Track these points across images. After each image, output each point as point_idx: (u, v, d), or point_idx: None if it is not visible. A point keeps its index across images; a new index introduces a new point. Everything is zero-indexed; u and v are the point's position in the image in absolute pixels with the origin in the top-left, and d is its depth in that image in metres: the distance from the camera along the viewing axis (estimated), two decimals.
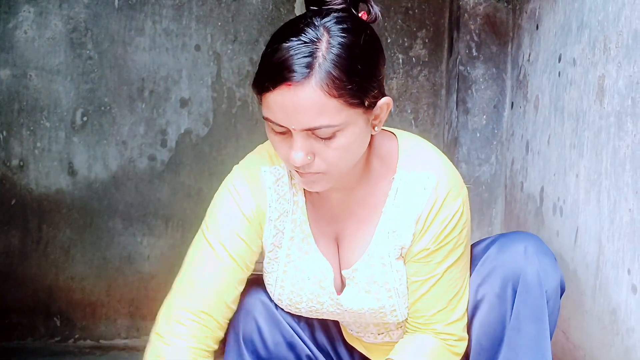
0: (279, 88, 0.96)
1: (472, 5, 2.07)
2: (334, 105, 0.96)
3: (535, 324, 1.14)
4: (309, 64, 0.95)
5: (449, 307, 1.16)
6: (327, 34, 0.97)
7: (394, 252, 1.16)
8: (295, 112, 0.96)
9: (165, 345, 1.12)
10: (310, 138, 0.99)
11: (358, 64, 0.98)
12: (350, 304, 1.19)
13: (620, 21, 1.27)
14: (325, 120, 0.97)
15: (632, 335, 1.21)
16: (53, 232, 2.20)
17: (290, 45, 0.96)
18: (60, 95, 2.17)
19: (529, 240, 1.17)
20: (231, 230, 1.15)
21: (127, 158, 2.21)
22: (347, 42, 0.98)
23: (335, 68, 0.96)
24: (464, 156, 2.08)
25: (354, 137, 1.01)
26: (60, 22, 2.16)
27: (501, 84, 2.07)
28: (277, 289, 1.21)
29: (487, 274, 1.17)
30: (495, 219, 2.09)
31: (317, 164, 1.02)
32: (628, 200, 1.22)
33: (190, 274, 1.16)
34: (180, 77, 2.21)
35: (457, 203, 1.12)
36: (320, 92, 0.95)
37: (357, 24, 1.02)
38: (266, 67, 0.98)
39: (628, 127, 1.23)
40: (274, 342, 1.26)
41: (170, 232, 2.21)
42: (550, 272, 1.15)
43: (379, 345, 1.32)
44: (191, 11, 2.21)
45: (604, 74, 1.34)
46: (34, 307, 2.20)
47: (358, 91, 0.98)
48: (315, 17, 1.00)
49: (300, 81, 0.95)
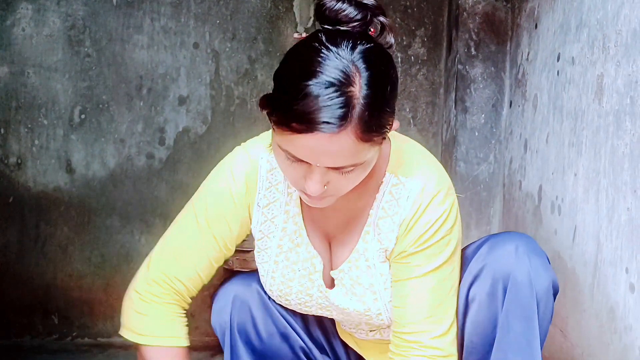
0: (312, 135, 0.92)
1: (471, 4, 2.07)
2: (363, 148, 0.96)
3: (525, 324, 1.13)
4: (345, 115, 0.92)
5: (433, 316, 1.13)
6: (358, 74, 0.93)
7: (378, 255, 1.16)
8: (324, 156, 0.95)
9: (142, 302, 1.20)
10: (330, 171, 0.98)
11: (386, 106, 0.97)
12: (338, 301, 1.20)
13: (620, 20, 1.27)
14: (354, 161, 0.97)
15: (629, 333, 1.21)
16: (51, 230, 2.20)
17: (324, 93, 0.91)
18: (58, 92, 2.17)
19: (520, 240, 1.16)
20: (217, 210, 1.17)
21: (125, 156, 2.21)
22: (377, 84, 0.95)
23: (367, 114, 0.93)
24: (463, 155, 2.08)
25: (370, 165, 1.02)
26: (58, 19, 2.16)
27: (500, 82, 2.07)
28: (268, 279, 1.22)
29: (477, 273, 1.16)
30: (493, 218, 2.09)
31: (329, 190, 1.02)
32: (626, 199, 1.23)
33: (173, 240, 1.21)
34: (179, 75, 2.21)
35: (441, 208, 1.12)
36: (355, 138, 0.94)
37: (383, 59, 0.98)
38: (295, 112, 0.92)
39: (627, 126, 1.23)
40: (268, 333, 1.28)
41: None
42: (542, 272, 1.13)
43: (371, 342, 1.32)
44: (189, 9, 2.20)
45: (603, 73, 1.34)
46: (32, 305, 2.20)
47: (385, 132, 0.98)
48: (339, 47, 0.94)
49: (336, 132, 0.92)
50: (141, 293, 1.20)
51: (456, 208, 1.15)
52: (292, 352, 1.30)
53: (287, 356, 1.30)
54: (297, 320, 1.31)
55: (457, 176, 2.08)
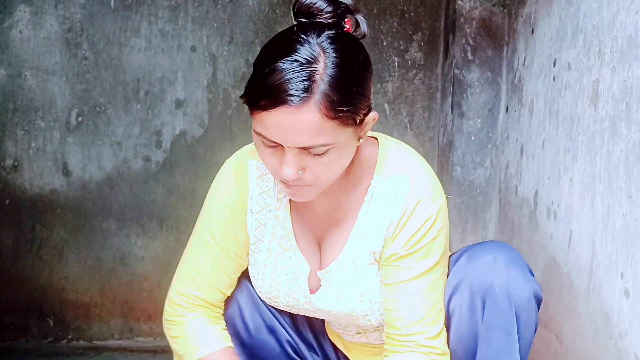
0: (277, 109, 0.97)
1: (468, 9, 2.08)
2: (330, 126, 0.99)
3: (504, 337, 1.12)
4: (308, 87, 0.96)
5: (427, 318, 1.13)
6: (324, 54, 0.99)
7: (365, 257, 1.17)
8: (292, 132, 0.98)
9: (172, 326, 1.25)
10: (302, 154, 1.01)
11: (353, 85, 1.00)
12: (323, 304, 1.21)
13: (615, 26, 1.28)
14: (322, 140, 0.99)
15: (624, 338, 1.21)
16: (47, 233, 2.19)
17: (288, 68, 0.97)
18: (55, 95, 2.17)
19: (499, 250, 1.15)
20: (219, 222, 1.22)
21: (122, 159, 2.21)
22: (343, 63, 0.99)
23: (332, 90, 0.97)
24: (459, 159, 2.09)
25: (344, 151, 1.04)
26: (56, 22, 2.16)
27: (496, 87, 2.08)
28: (258, 281, 1.24)
29: (457, 285, 1.15)
30: (489, 223, 2.10)
31: (306, 177, 1.04)
32: (621, 205, 1.23)
33: (187, 261, 1.25)
34: (176, 78, 2.21)
35: (429, 210, 1.12)
36: (319, 114, 0.97)
37: (350, 43, 1.03)
38: (262, 88, 0.99)
39: (622, 132, 1.24)
40: (255, 325, 1.29)
41: (165, 233, 2.21)
42: (521, 284, 1.12)
43: (357, 345, 1.33)
44: (187, 12, 2.21)
45: (599, 79, 1.35)
46: (27, 308, 2.19)
47: (353, 112, 1.01)
48: (308, 34, 1.00)
49: (299, 104, 0.96)
50: (168, 319, 1.26)
51: (445, 209, 1.15)
52: (279, 346, 1.31)
53: (275, 349, 1.31)
54: (284, 317, 1.32)
55: (453, 180, 2.08)
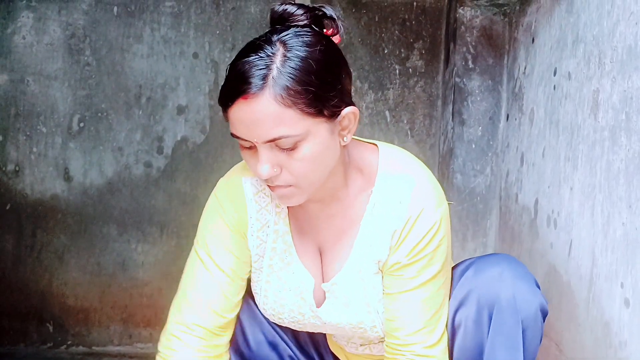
0: (237, 102, 0.99)
1: (469, 17, 2.08)
2: (290, 115, 0.98)
3: (509, 353, 1.12)
4: (264, 76, 0.98)
5: (426, 328, 1.13)
6: (283, 47, 1.00)
7: (371, 266, 1.15)
8: (253, 125, 0.99)
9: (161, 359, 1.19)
10: (274, 150, 1.01)
11: (313, 75, 1.00)
12: (330, 317, 1.19)
13: (615, 36, 1.29)
14: (284, 131, 0.99)
15: (624, 348, 1.21)
16: (47, 238, 2.19)
17: (247, 60, 0.99)
18: (57, 100, 2.18)
19: (506, 264, 1.14)
20: (217, 243, 1.18)
21: (123, 164, 2.21)
22: (303, 54, 1.00)
23: (289, 79, 0.98)
24: (459, 167, 2.09)
25: (319, 147, 1.02)
26: (59, 28, 2.17)
27: (497, 96, 2.08)
28: (261, 297, 1.22)
29: (463, 298, 1.15)
30: (490, 230, 2.10)
31: (284, 177, 1.03)
32: (622, 214, 1.23)
33: (184, 287, 1.21)
34: (178, 85, 2.22)
35: (433, 218, 1.11)
36: (275, 102, 0.98)
37: (314, 37, 1.04)
38: (224, 86, 1.02)
39: (622, 142, 1.24)
40: (256, 341, 1.27)
41: (165, 240, 2.21)
42: (528, 298, 1.12)
43: (360, 356, 1.31)
44: (190, 19, 2.22)
45: (599, 89, 1.35)
46: (27, 313, 2.19)
47: (315, 101, 1.00)
48: (274, 33, 1.02)
49: (255, 93, 0.97)
50: (161, 351, 1.19)
51: (447, 216, 1.14)
52: None
53: None
54: (286, 332, 1.30)
55: (453, 188, 2.08)
